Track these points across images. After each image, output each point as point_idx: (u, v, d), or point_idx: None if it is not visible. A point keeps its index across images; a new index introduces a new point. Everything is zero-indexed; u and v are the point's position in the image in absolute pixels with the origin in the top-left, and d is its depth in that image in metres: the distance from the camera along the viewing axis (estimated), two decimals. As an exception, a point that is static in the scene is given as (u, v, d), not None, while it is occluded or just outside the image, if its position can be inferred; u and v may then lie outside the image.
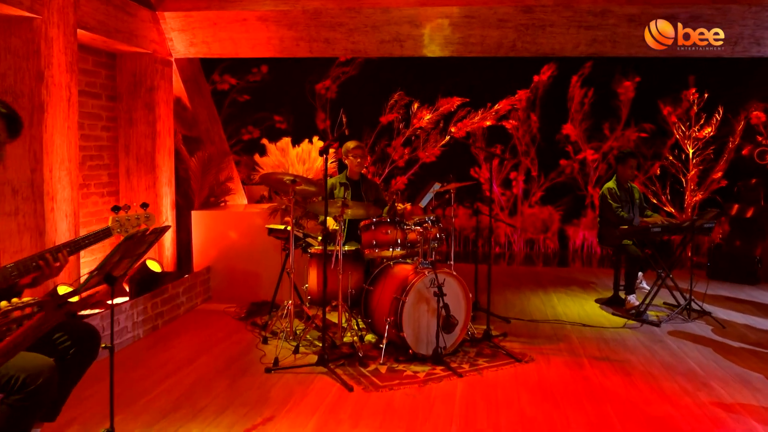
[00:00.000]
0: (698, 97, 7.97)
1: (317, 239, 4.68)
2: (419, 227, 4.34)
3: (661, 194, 8.23)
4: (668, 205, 8.21)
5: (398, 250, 4.36)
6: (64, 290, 3.91)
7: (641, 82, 8.17)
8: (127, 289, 4.83)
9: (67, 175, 4.15)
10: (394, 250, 4.36)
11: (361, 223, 4.49)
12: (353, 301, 4.44)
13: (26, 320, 1.92)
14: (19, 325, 1.92)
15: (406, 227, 4.39)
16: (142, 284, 4.79)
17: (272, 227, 4.91)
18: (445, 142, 8.49)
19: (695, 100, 7.98)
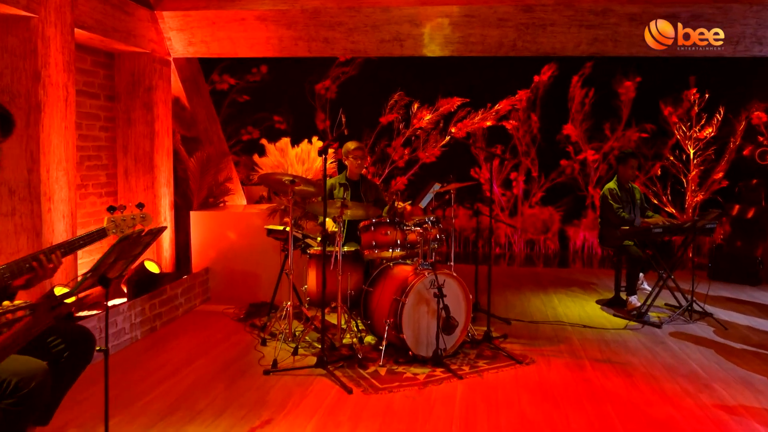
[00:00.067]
0: (699, 97, 7.93)
1: (316, 240, 4.66)
2: (419, 228, 4.31)
3: (662, 195, 8.20)
4: (669, 205, 8.18)
5: (398, 251, 4.34)
6: (60, 291, 3.88)
7: (642, 82, 8.13)
8: (125, 290, 4.80)
9: (64, 175, 4.12)
10: (393, 251, 4.33)
11: (360, 223, 4.47)
12: (353, 302, 4.41)
13: (17, 323, 1.89)
14: (9, 328, 1.89)
15: (405, 228, 4.36)
16: (140, 285, 4.76)
17: (271, 228, 4.88)
18: (445, 142, 8.45)
19: (696, 100, 7.95)
